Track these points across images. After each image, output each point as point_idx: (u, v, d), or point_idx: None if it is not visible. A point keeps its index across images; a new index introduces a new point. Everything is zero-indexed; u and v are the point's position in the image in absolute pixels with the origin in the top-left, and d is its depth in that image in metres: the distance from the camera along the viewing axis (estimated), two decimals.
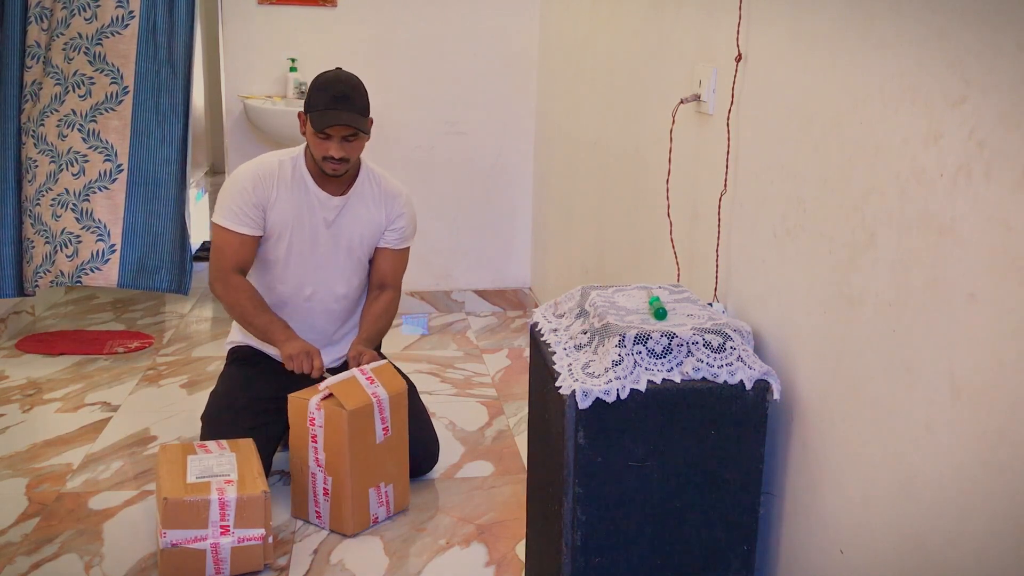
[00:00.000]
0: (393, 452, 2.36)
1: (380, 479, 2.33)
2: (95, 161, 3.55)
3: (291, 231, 2.53)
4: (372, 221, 2.62)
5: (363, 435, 2.25)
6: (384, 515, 2.37)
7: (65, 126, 3.53)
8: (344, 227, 2.59)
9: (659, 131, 2.27)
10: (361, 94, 2.47)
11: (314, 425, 2.24)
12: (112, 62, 3.52)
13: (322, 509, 2.31)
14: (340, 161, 2.46)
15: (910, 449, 1.32)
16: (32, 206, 3.53)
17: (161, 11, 3.54)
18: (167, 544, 2.03)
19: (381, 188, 2.64)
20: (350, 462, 2.23)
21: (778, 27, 1.69)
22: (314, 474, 2.29)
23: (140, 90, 3.57)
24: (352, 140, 2.45)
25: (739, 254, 1.86)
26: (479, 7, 3.97)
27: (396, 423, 2.34)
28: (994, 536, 1.16)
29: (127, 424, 2.93)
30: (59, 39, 3.49)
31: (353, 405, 2.21)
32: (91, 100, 3.53)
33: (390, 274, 2.68)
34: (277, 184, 2.52)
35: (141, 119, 3.58)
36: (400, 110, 4.00)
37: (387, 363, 2.42)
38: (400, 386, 2.34)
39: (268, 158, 2.56)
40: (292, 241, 2.54)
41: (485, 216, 4.20)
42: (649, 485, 1.60)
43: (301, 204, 2.53)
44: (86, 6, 3.47)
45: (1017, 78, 1.10)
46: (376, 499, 2.34)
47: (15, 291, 3.56)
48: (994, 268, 1.14)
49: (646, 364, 1.58)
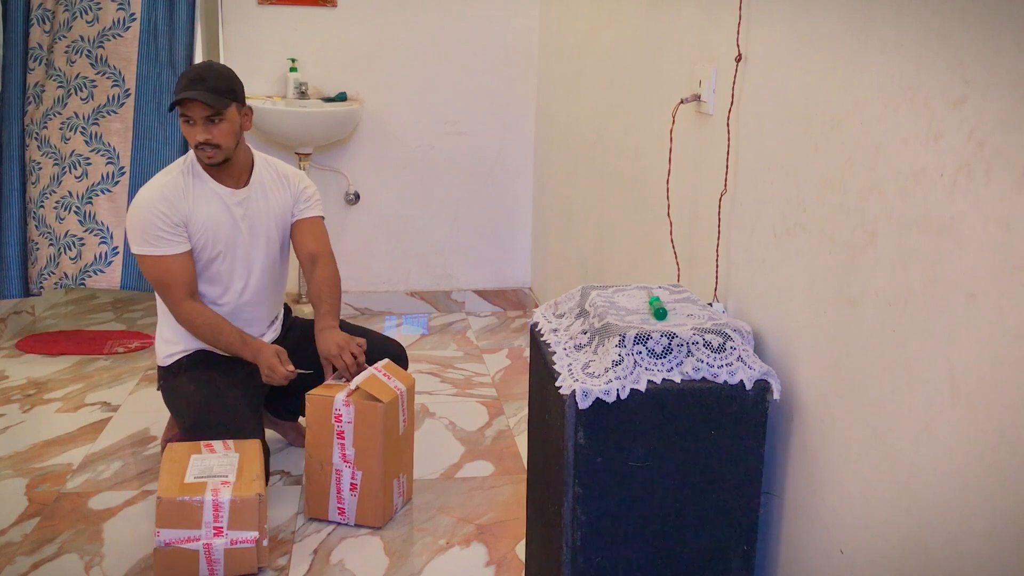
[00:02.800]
0: (408, 443, 2.47)
1: (400, 470, 2.43)
2: (97, 164, 3.57)
3: (212, 235, 2.51)
4: (279, 203, 2.61)
5: (393, 427, 2.33)
6: (400, 505, 2.46)
7: (68, 129, 3.56)
8: (256, 216, 2.57)
9: (659, 131, 2.27)
10: (220, 76, 2.45)
11: (341, 421, 2.26)
12: (114, 65, 3.54)
13: (347, 505, 2.33)
14: (210, 146, 2.41)
15: (910, 449, 1.32)
16: (36, 208, 3.55)
17: (162, 13, 3.55)
18: (160, 543, 2.04)
19: (277, 172, 2.64)
20: (383, 454, 2.29)
21: (778, 27, 1.69)
22: (339, 471, 2.30)
23: (142, 92, 3.59)
24: (217, 122, 2.41)
25: (739, 254, 1.86)
26: (479, 7, 3.97)
27: (410, 413, 2.45)
28: (994, 536, 1.16)
29: (127, 424, 2.93)
30: (61, 42, 3.51)
31: (388, 398, 2.28)
32: (93, 103, 3.55)
33: (316, 243, 2.64)
34: (185, 196, 2.47)
35: (142, 121, 3.60)
36: (400, 110, 4.00)
37: (385, 360, 2.47)
38: (409, 379, 2.45)
39: (164, 178, 2.51)
40: (215, 245, 2.52)
41: (485, 216, 4.20)
42: (649, 485, 1.60)
43: (212, 206, 2.50)
44: (87, 8, 3.49)
45: (1017, 78, 1.10)
46: (397, 490, 2.42)
47: (21, 292, 3.58)
48: (994, 268, 1.14)
49: (646, 364, 1.58)
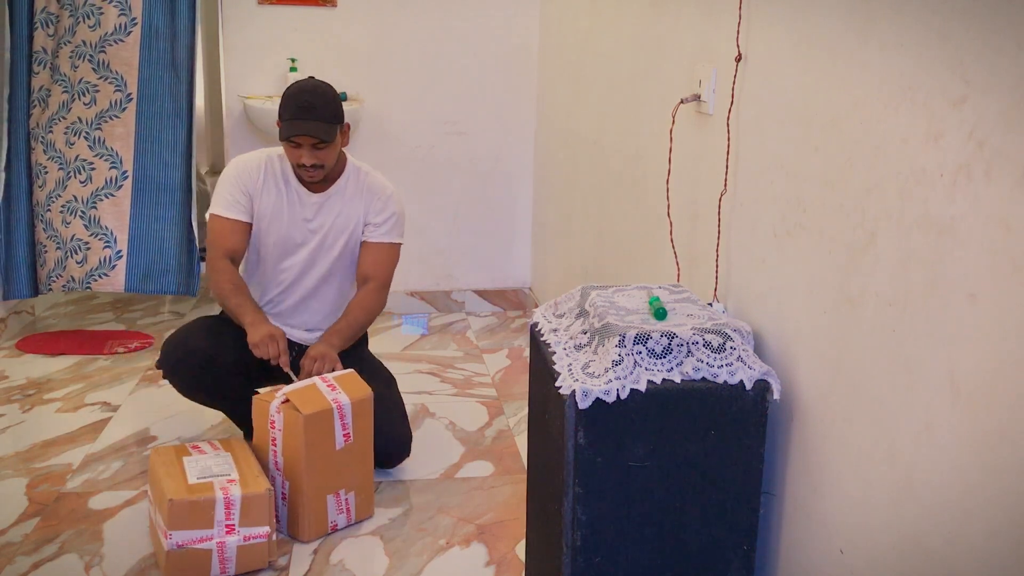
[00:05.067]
0: (356, 459, 2.31)
1: (340, 486, 2.29)
2: (101, 169, 3.62)
3: (268, 224, 2.62)
4: (351, 216, 2.66)
5: (321, 441, 2.22)
6: (344, 522, 2.33)
7: (72, 134, 3.60)
8: (324, 224, 2.65)
9: (659, 131, 2.27)
10: (327, 102, 2.52)
11: (274, 428, 2.24)
12: (116, 70, 3.58)
13: (280, 513, 2.29)
14: (313, 168, 2.54)
15: (910, 449, 1.32)
16: (43, 211, 3.60)
17: (163, 15, 3.59)
18: (172, 546, 2.03)
19: (364, 184, 2.69)
20: (306, 468, 2.21)
21: (778, 27, 1.69)
22: (273, 477, 2.27)
23: (144, 96, 3.63)
24: (322, 148, 2.51)
25: (739, 254, 1.86)
26: (479, 7, 3.97)
27: (359, 430, 2.29)
28: (994, 536, 1.16)
29: (127, 424, 2.93)
30: (66, 47, 3.54)
31: (310, 410, 2.19)
32: (96, 108, 3.59)
33: (371, 267, 2.67)
34: (263, 175, 2.62)
35: (145, 125, 3.64)
36: (400, 110, 4.00)
37: (351, 372, 2.38)
38: (364, 392, 2.30)
39: (258, 152, 2.68)
40: (274, 233, 2.63)
41: (485, 216, 4.20)
42: (649, 485, 1.60)
43: (282, 198, 2.63)
44: (90, 13, 3.52)
45: (1017, 78, 1.10)
46: (335, 506, 2.30)
47: (30, 292, 3.65)
48: (994, 268, 1.14)
49: (646, 364, 1.58)
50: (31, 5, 3.51)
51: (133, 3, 3.56)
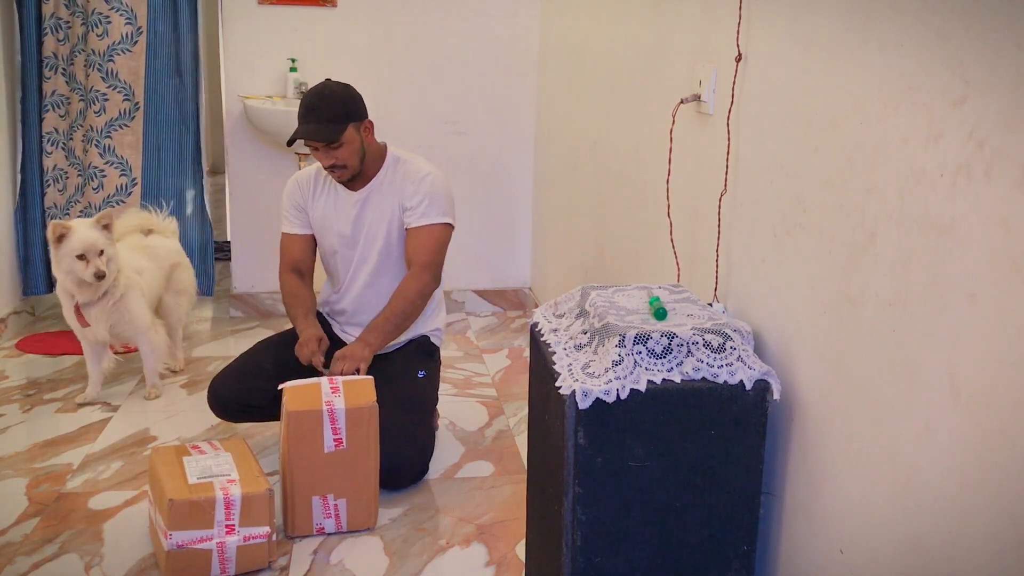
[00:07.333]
0: (350, 467, 2.26)
1: (328, 490, 2.26)
2: (112, 176, 3.73)
3: (323, 229, 2.72)
4: (387, 207, 2.68)
5: (307, 441, 2.21)
6: (333, 528, 2.29)
7: (87, 142, 3.71)
8: (369, 219, 2.69)
9: (659, 131, 2.26)
10: (331, 103, 2.51)
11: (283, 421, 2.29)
12: (124, 79, 3.68)
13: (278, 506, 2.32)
14: (334, 168, 2.56)
15: (910, 449, 1.32)
16: (61, 215, 3.71)
17: (166, 22, 3.68)
18: (172, 546, 2.03)
19: (400, 172, 2.69)
20: (288, 464, 2.24)
21: (778, 27, 1.69)
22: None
23: (151, 104, 3.75)
24: (336, 148, 2.51)
25: (739, 254, 1.86)
26: (479, 7, 3.97)
27: (356, 438, 2.24)
28: (994, 536, 1.16)
29: (127, 424, 2.93)
30: (80, 55, 3.63)
31: (295, 407, 2.20)
32: (105, 116, 3.69)
33: (411, 252, 2.66)
34: (314, 187, 2.72)
35: (152, 134, 3.77)
36: (400, 110, 3.99)
37: (367, 379, 2.33)
38: (364, 401, 2.24)
39: (306, 169, 2.80)
40: (327, 238, 2.73)
41: (485, 216, 4.19)
42: (649, 485, 1.60)
43: (331, 202, 2.70)
44: (98, 22, 3.62)
45: (1017, 78, 1.10)
46: (321, 509, 2.27)
47: (46, 289, 3.81)
48: (994, 268, 1.14)
49: (646, 364, 1.58)
50: (39, 11, 3.60)
51: (138, 11, 3.64)
